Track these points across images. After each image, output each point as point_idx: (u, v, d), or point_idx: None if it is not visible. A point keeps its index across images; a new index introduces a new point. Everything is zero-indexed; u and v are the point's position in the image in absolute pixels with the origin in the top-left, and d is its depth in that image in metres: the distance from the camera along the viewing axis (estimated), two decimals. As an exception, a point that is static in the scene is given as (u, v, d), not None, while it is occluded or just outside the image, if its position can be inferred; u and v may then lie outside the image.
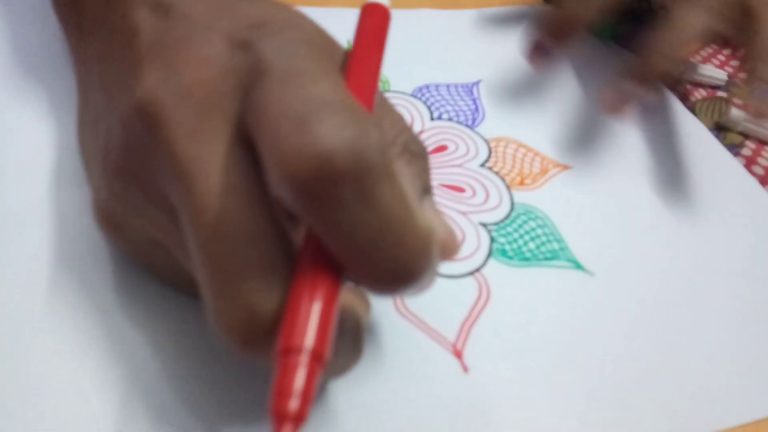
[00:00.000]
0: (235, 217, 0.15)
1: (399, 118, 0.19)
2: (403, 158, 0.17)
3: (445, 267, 0.24)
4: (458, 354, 0.22)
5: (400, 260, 0.14)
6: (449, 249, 0.18)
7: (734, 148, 0.33)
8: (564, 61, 0.36)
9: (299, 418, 0.13)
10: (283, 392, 0.13)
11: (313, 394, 0.14)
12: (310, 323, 0.14)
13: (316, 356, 0.14)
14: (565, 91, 0.34)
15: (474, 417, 0.20)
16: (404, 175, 0.17)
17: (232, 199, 0.15)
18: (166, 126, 0.15)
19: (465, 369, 0.21)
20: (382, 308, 0.22)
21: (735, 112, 0.33)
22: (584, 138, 0.32)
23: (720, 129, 0.34)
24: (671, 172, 0.30)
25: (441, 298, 0.23)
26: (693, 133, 0.33)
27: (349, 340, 0.17)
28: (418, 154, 0.18)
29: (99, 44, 0.20)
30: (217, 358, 0.20)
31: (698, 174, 0.31)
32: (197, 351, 0.20)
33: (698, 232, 0.28)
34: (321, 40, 0.17)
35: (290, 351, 0.14)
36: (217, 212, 0.15)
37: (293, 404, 0.13)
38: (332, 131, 0.13)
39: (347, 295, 0.18)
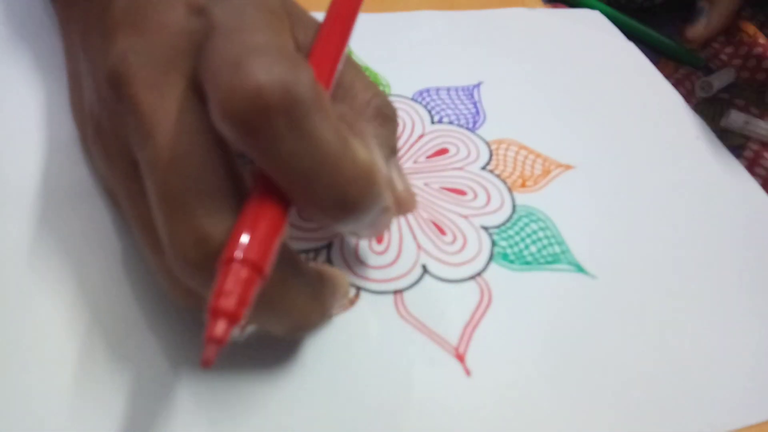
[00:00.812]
0: (188, 154, 0.16)
1: (371, 82, 0.20)
2: (377, 120, 0.19)
3: (447, 271, 0.24)
4: (461, 358, 0.22)
5: (338, 188, 0.16)
6: (407, 205, 0.20)
7: (736, 150, 0.33)
8: (563, 59, 0.36)
9: (234, 316, 0.14)
10: (221, 293, 0.14)
11: (250, 300, 0.15)
12: (251, 239, 0.15)
13: (255, 267, 0.15)
14: (567, 92, 0.34)
15: (477, 421, 0.20)
16: (377, 136, 0.19)
17: (186, 140, 0.16)
18: (132, 83, 0.17)
19: (468, 373, 0.21)
20: (384, 312, 0.22)
21: (735, 115, 0.33)
22: (587, 137, 0.32)
23: (722, 131, 0.34)
24: (674, 174, 0.30)
25: (443, 301, 0.23)
26: (696, 133, 0.33)
27: (306, 285, 0.18)
28: (390, 117, 0.20)
29: (81, 14, 0.22)
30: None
31: (701, 175, 0.31)
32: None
33: (701, 234, 0.28)
34: (275, 3, 0.19)
35: (230, 261, 0.15)
36: (173, 151, 0.16)
37: (229, 302, 0.14)
38: (261, 68, 0.15)
39: (329, 267, 0.20)
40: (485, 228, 0.26)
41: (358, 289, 0.23)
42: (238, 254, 0.15)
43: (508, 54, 0.36)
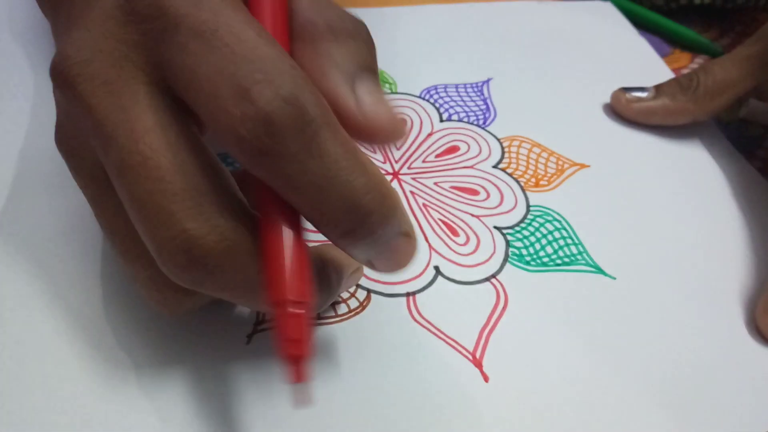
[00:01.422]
0: (156, 155, 0.15)
1: (318, 2, 0.18)
2: (329, 39, 0.17)
3: (461, 273, 0.23)
4: (478, 363, 0.21)
5: (352, 199, 0.15)
6: (394, 132, 0.17)
7: (756, 141, 0.32)
8: (575, 53, 0.35)
9: (306, 357, 0.15)
10: (289, 340, 0.15)
11: (311, 334, 0.15)
12: (293, 275, 0.15)
13: (304, 304, 0.15)
14: (579, 87, 0.33)
15: (497, 428, 0.19)
16: (331, 56, 0.17)
17: (152, 140, 0.15)
18: (80, 82, 0.16)
19: (486, 379, 0.20)
20: (396, 315, 0.22)
21: (754, 104, 0.32)
22: (600, 134, 0.31)
23: (741, 121, 0.33)
24: (691, 173, 0.29)
25: (457, 304, 0.22)
26: (706, 134, 0.32)
27: (325, 283, 0.18)
28: (349, 31, 0.18)
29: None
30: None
31: (717, 173, 0.30)
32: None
33: (720, 233, 0.27)
34: None
35: (284, 304, 0.15)
36: (140, 154, 0.15)
37: (300, 348, 0.15)
38: (270, 95, 0.14)
39: (332, 248, 0.18)
40: (498, 228, 0.25)
41: (369, 291, 0.22)
42: (290, 296, 0.15)
43: (517, 48, 0.35)
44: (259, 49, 0.15)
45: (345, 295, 0.22)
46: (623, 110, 0.31)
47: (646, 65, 0.36)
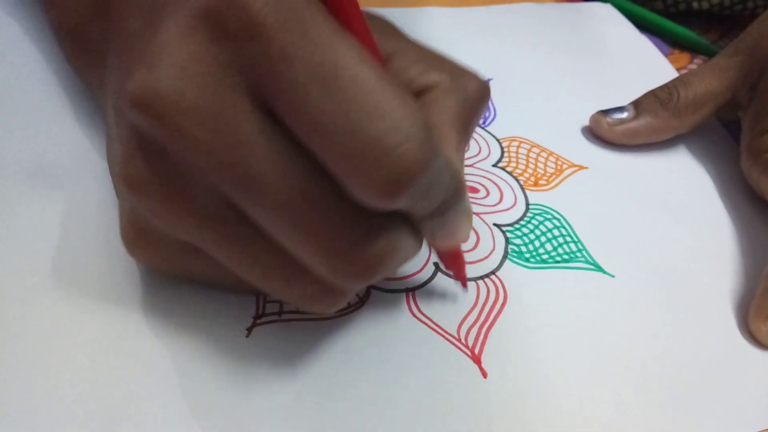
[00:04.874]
0: (304, 193, 0.15)
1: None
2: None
3: (460, 269, 0.23)
4: (477, 360, 0.21)
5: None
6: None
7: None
8: (575, 55, 0.36)
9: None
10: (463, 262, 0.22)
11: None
12: None
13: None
14: (579, 89, 0.33)
15: (496, 425, 0.19)
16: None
17: (291, 177, 0.15)
18: (177, 117, 0.14)
19: (485, 375, 0.20)
20: (396, 311, 0.22)
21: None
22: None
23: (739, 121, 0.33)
24: (689, 172, 0.30)
25: (457, 300, 0.22)
26: (708, 133, 0.32)
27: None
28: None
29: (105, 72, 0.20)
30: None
31: (717, 173, 0.30)
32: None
33: (721, 232, 0.27)
34: None
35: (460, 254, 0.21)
36: (286, 196, 0.15)
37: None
38: (414, 157, 0.14)
39: None
40: (498, 226, 0.25)
41: (368, 287, 0.22)
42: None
43: (517, 50, 0.36)
44: (389, 101, 0.14)
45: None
46: (606, 135, 0.30)
47: (649, 64, 0.36)
